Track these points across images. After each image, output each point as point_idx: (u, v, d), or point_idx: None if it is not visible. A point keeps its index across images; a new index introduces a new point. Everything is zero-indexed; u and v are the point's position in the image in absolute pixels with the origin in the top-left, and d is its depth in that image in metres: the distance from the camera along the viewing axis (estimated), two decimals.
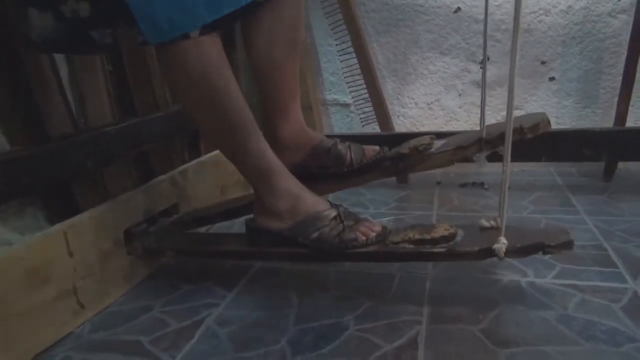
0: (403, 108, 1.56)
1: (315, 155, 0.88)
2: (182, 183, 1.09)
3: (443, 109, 1.52)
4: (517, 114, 0.84)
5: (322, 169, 0.88)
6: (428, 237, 0.74)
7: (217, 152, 1.21)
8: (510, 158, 0.68)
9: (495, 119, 1.43)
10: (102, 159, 0.92)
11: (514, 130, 0.73)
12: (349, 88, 1.53)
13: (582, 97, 1.42)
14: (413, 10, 1.45)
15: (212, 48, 0.70)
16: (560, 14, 1.35)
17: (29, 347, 0.71)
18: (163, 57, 0.70)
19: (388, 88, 1.54)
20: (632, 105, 1.30)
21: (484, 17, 0.80)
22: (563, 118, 1.45)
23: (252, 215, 0.84)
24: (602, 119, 1.41)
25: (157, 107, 1.10)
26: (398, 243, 0.75)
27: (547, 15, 1.36)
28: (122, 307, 0.85)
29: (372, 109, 1.50)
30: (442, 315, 0.75)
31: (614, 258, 0.89)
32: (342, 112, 1.63)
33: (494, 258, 0.71)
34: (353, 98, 1.54)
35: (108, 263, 0.85)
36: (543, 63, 1.41)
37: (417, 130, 1.54)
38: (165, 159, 1.13)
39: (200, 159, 1.21)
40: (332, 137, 0.90)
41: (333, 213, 0.78)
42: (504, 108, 0.66)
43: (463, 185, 1.38)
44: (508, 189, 0.69)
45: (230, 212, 0.98)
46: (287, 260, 0.93)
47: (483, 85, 0.84)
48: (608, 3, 1.32)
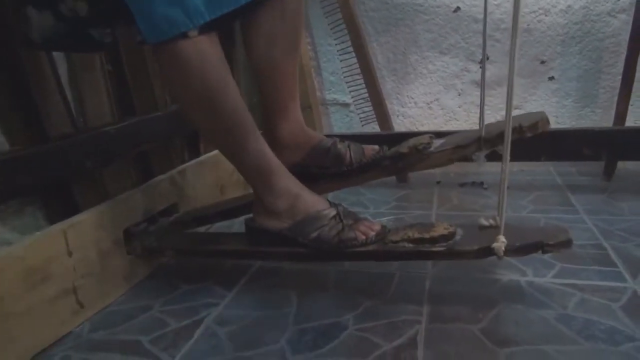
0: (402, 107, 1.56)
1: (315, 155, 0.88)
2: (181, 183, 1.09)
3: (442, 109, 1.52)
4: (516, 114, 0.84)
5: (321, 169, 0.88)
6: (427, 236, 0.74)
7: (216, 151, 1.21)
8: (510, 157, 0.68)
9: (495, 119, 1.42)
10: (101, 159, 0.92)
11: (513, 129, 0.73)
12: (349, 87, 1.53)
13: (581, 96, 1.42)
14: (412, 10, 1.45)
15: (210, 48, 0.69)
16: (560, 14, 1.35)
17: (28, 346, 0.71)
18: (161, 56, 0.70)
19: (387, 87, 1.54)
20: (631, 105, 1.30)
21: (484, 16, 0.80)
22: (563, 117, 1.45)
23: (251, 215, 0.84)
24: (601, 119, 1.41)
25: (156, 107, 1.10)
26: (397, 242, 0.75)
27: (546, 15, 1.36)
28: (121, 306, 0.85)
29: (371, 109, 1.49)
30: (441, 315, 0.75)
31: (614, 257, 0.89)
32: (341, 111, 1.63)
33: (494, 257, 0.71)
34: (353, 97, 1.54)
35: (107, 262, 0.85)
36: (542, 62, 1.41)
37: (416, 130, 1.54)
38: (165, 159, 1.13)
39: (200, 159, 1.21)
40: (331, 136, 0.90)
41: (332, 212, 0.78)
42: (504, 107, 0.66)
43: (462, 185, 1.38)
44: (507, 189, 0.69)
45: (230, 211, 0.98)
46: (286, 260, 0.93)
47: (482, 85, 0.84)
48: (607, 2, 1.32)
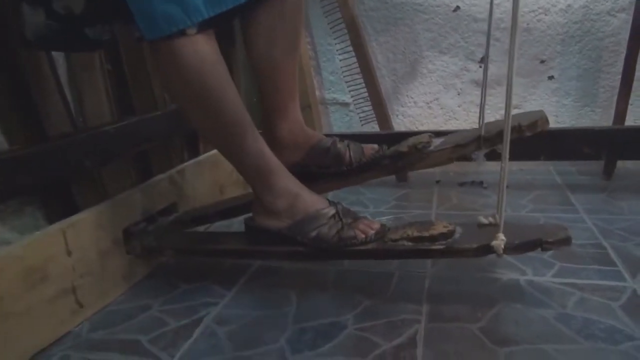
0: (402, 107, 1.56)
1: (315, 155, 0.88)
2: (180, 182, 1.09)
3: (442, 108, 1.52)
4: (516, 113, 0.84)
5: (321, 168, 0.88)
6: (427, 234, 0.74)
7: (215, 151, 1.21)
8: (510, 157, 0.68)
9: (494, 118, 1.42)
10: (100, 158, 0.92)
11: (513, 129, 0.73)
12: (348, 87, 1.53)
13: (581, 95, 1.42)
14: (412, 9, 1.45)
15: (207, 46, 0.69)
16: (560, 13, 1.35)
17: (28, 346, 0.71)
18: (158, 53, 0.69)
19: (387, 87, 1.54)
20: (631, 104, 1.30)
21: (489, 16, 0.79)
22: (562, 117, 1.45)
23: (250, 214, 0.84)
24: (601, 118, 1.41)
25: (155, 106, 1.10)
26: (397, 240, 0.75)
27: (546, 14, 1.36)
28: (121, 306, 0.85)
29: (371, 108, 1.49)
30: (441, 314, 0.75)
31: (613, 257, 0.89)
32: (341, 111, 1.63)
33: (493, 256, 0.71)
34: (352, 97, 1.54)
35: (107, 262, 0.85)
36: (542, 62, 1.41)
37: (416, 129, 1.54)
38: (164, 158, 1.13)
39: (199, 158, 1.21)
40: (331, 136, 0.90)
41: (332, 211, 0.78)
42: (503, 107, 0.66)
43: (462, 184, 1.38)
44: (507, 188, 0.69)
45: (229, 211, 0.98)
46: (286, 259, 0.93)
47: (484, 84, 0.84)
48: (607, 2, 1.32)
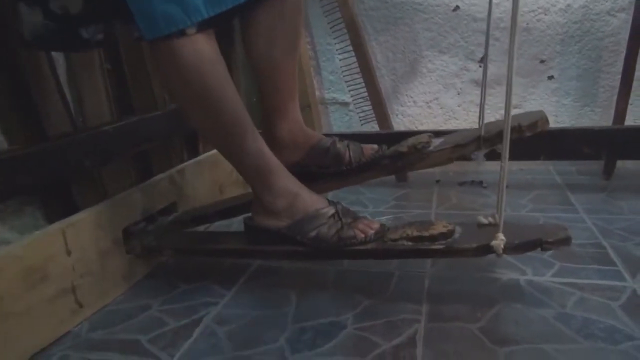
0: (402, 106, 1.56)
1: (314, 155, 0.88)
2: (180, 182, 1.09)
3: (442, 108, 1.52)
4: (515, 113, 0.84)
5: (321, 168, 0.88)
6: (426, 234, 0.74)
7: (215, 151, 1.21)
8: (509, 157, 0.68)
9: (494, 118, 1.42)
10: (100, 158, 0.92)
11: (512, 129, 0.73)
12: (348, 87, 1.53)
13: (581, 95, 1.42)
14: (412, 9, 1.45)
15: (207, 45, 0.69)
16: (559, 13, 1.35)
17: (27, 345, 0.71)
18: (158, 53, 0.69)
19: (387, 86, 1.54)
20: (631, 104, 1.30)
21: (488, 15, 0.79)
22: (562, 117, 1.45)
23: (250, 214, 0.84)
24: (601, 118, 1.41)
25: (155, 106, 1.10)
26: (396, 240, 0.75)
27: (546, 14, 1.36)
28: (120, 306, 0.85)
29: (371, 108, 1.49)
30: (440, 314, 0.75)
31: (613, 256, 0.89)
32: (341, 110, 1.63)
33: (493, 255, 0.71)
34: (352, 97, 1.54)
35: (106, 262, 0.85)
36: (542, 62, 1.41)
37: (415, 129, 1.54)
38: (164, 158, 1.13)
39: (199, 158, 1.21)
40: (330, 135, 0.90)
41: (331, 211, 0.78)
42: (503, 106, 0.66)
43: (462, 184, 1.38)
44: (506, 187, 0.69)
45: (229, 210, 0.98)
46: (285, 259, 0.93)
47: (483, 84, 0.84)
48: (607, 1, 1.32)
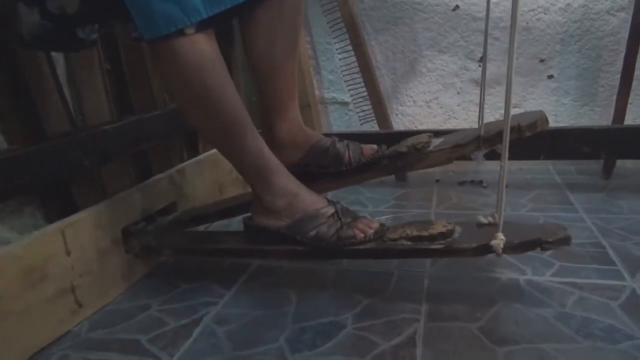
0: (402, 106, 1.56)
1: (314, 154, 0.88)
2: (180, 181, 1.09)
3: (442, 107, 1.52)
4: (515, 112, 0.84)
5: (320, 168, 0.88)
6: (426, 233, 0.74)
7: (215, 150, 1.21)
8: (509, 156, 0.68)
9: (494, 117, 1.42)
10: (100, 158, 0.92)
11: (512, 128, 0.73)
12: (348, 86, 1.53)
13: (580, 95, 1.42)
14: (411, 8, 1.45)
15: (206, 45, 0.68)
16: (559, 12, 1.35)
17: (27, 345, 0.71)
18: (157, 53, 0.69)
19: (386, 86, 1.54)
20: (630, 103, 1.30)
21: (486, 15, 0.79)
22: (561, 116, 1.45)
23: (250, 214, 0.84)
24: (600, 117, 1.41)
25: (155, 105, 1.10)
26: (396, 240, 0.75)
27: (545, 13, 1.36)
28: (120, 305, 0.85)
29: (370, 107, 1.49)
30: (440, 313, 0.75)
31: (613, 256, 0.89)
32: (340, 110, 1.63)
33: (492, 255, 0.71)
34: (352, 96, 1.54)
35: (106, 261, 0.85)
36: (541, 61, 1.41)
37: (415, 129, 1.54)
38: (164, 158, 1.13)
39: (198, 158, 1.21)
40: (330, 135, 0.90)
41: (331, 210, 0.78)
42: (502, 106, 0.66)
43: (461, 183, 1.38)
44: (506, 187, 0.69)
45: (228, 210, 0.98)
46: (285, 258, 0.93)
47: (483, 83, 0.84)
48: (606, 1, 1.32)
